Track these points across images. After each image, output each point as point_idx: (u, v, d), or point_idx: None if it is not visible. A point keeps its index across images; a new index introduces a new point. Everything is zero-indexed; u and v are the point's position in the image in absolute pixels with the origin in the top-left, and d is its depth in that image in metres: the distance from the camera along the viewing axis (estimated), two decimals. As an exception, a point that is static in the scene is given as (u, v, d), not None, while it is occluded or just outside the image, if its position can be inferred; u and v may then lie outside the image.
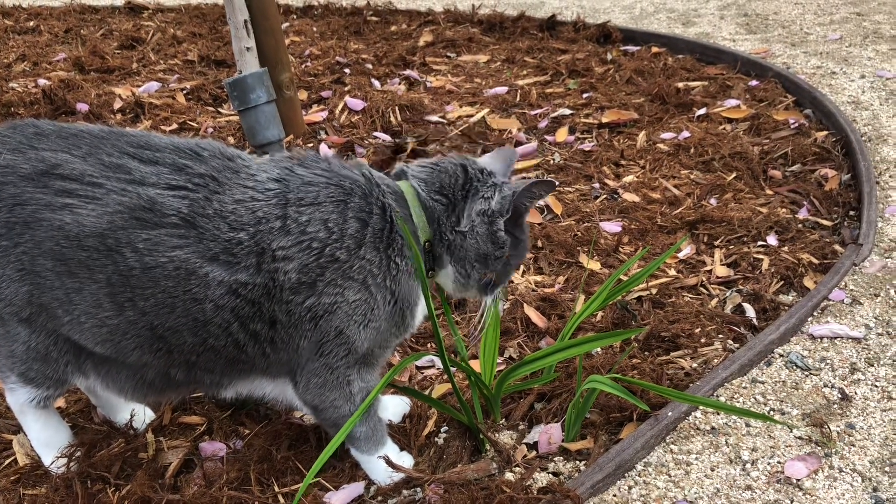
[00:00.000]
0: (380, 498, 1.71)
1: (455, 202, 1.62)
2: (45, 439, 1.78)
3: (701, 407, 1.93)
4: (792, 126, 3.40)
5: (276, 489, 1.72)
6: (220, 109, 3.86)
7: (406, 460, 1.75)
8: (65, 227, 1.46)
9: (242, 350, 1.55)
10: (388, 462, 1.64)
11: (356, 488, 1.72)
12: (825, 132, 3.31)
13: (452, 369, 2.06)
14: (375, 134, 3.39)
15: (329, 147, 3.26)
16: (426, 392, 2.00)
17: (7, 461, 1.84)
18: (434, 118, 3.52)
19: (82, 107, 3.69)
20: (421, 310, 1.65)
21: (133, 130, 1.59)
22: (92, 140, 1.52)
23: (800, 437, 1.85)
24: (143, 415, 1.91)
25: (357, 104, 3.62)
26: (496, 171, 1.69)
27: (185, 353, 1.55)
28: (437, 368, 2.12)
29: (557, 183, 1.86)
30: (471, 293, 1.73)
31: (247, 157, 1.58)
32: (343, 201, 1.52)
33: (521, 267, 2.55)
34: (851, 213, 2.84)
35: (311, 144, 3.31)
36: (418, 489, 1.71)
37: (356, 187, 1.55)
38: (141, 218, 1.45)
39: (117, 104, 3.77)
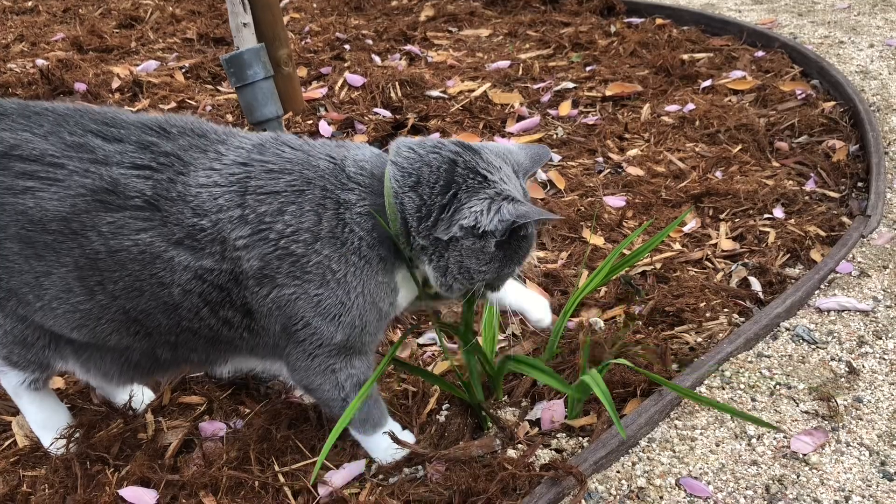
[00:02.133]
0: (381, 476, 1.69)
1: (429, 203, 1.44)
2: (43, 421, 1.77)
3: (705, 382, 1.91)
4: (799, 97, 3.35)
5: (276, 468, 1.70)
6: (218, 87, 3.82)
7: (408, 439, 1.73)
8: (28, 211, 1.42)
9: (218, 333, 1.52)
10: (394, 438, 1.62)
11: (357, 466, 1.71)
12: (833, 103, 3.26)
13: (454, 347, 2.04)
14: (376, 110, 3.34)
15: (329, 124, 3.22)
16: (428, 369, 1.98)
17: (6, 443, 1.83)
18: (435, 93, 3.48)
19: (80, 86, 3.65)
20: (405, 295, 1.57)
21: (100, 107, 1.54)
22: (55, 118, 1.47)
23: (806, 412, 1.83)
24: (141, 395, 1.90)
25: (357, 80, 3.57)
26: (516, 164, 1.53)
27: (163, 333, 1.52)
28: (440, 346, 2.10)
29: (558, 217, 1.75)
30: (457, 296, 1.56)
31: (223, 132, 1.52)
32: (301, 191, 1.44)
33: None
34: (860, 184, 2.79)
35: (310, 121, 3.27)
36: (419, 467, 1.69)
37: (318, 177, 1.45)
38: (104, 200, 1.41)
39: (115, 83, 3.73)
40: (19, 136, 1.44)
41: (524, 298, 1.80)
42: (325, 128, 3.18)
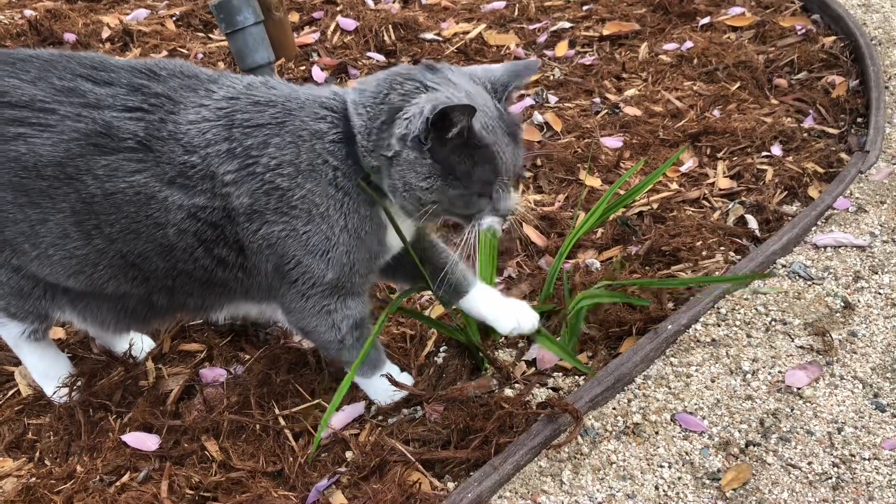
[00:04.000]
0: (380, 417, 1.72)
1: (373, 120, 1.40)
2: (44, 370, 1.79)
3: (701, 319, 1.92)
4: (799, 32, 3.29)
5: (277, 412, 1.73)
6: (210, 35, 3.76)
7: (406, 380, 1.75)
8: (21, 158, 1.42)
9: (213, 274, 1.52)
10: (391, 380, 1.64)
11: (356, 408, 1.73)
12: (833, 37, 3.20)
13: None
14: (369, 54, 3.29)
15: (322, 69, 3.18)
16: (425, 313, 1.99)
17: (10, 392, 1.86)
18: (429, 36, 3.42)
19: (70, 37, 3.60)
20: (395, 234, 1.55)
21: (86, 52, 1.53)
22: (41, 64, 1.45)
23: (801, 347, 1.84)
24: (141, 344, 1.91)
25: (349, 24, 3.51)
26: (492, 82, 1.44)
27: (160, 278, 1.53)
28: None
29: (475, 108, 1.34)
30: (417, 220, 1.47)
31: (216, 74, 1.51)
32: (283, 123, 1.43)
33: (520, 186, 2.51)
34: (859, 119, 2.77)
35: (303, 67, 3.23)
36: (418, 407, 1.71)
37: (297, 108, 1.44)
38: (98, 144, 1.41)
39: (105, 33, 3.67)
40: (6, 82, 1.43)
41: (494, 308, 1.69)
42: (318, 73, 3.14)
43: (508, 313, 1.68)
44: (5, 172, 1.43)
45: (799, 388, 1.73)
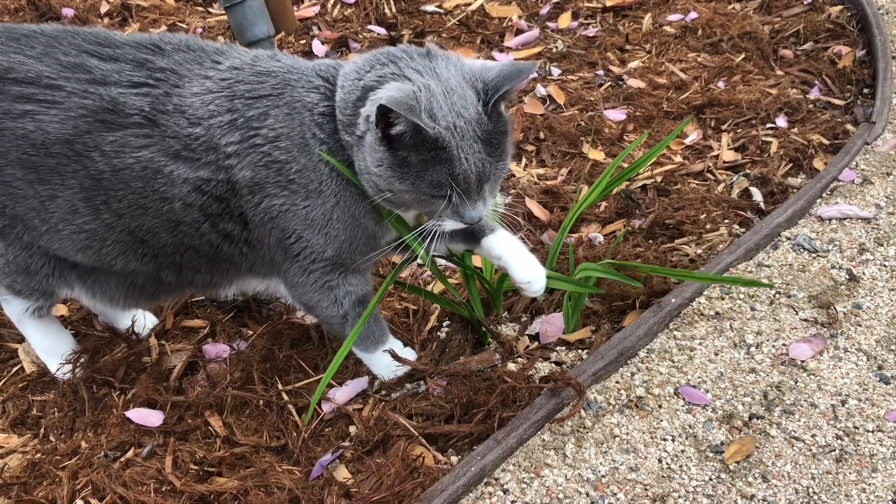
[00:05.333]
0: (383, 392, 1.72)
1: (348, 95, 1.38)
2: (48, 347, 1.79)
3: (705, 292, 1.91)
4: (805, 2, 3.24)
5: (280, 387, 1.73)
6: (209, 10, 3.72)
7: (409, 355, 1.75)
8: (29, 135, 1.41)
9: (219, 249, 1.52)
10: (394, 355, 1.63)
11: (360, 383, 1.73)
12: (839, 7, 3.16)
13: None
14: (370, 27, 3.26)
15: (322, 43, 3.15)
16: (428, 288, 1.99)
17: (14, 369, 1.86)
18: (430, 8, 3.38)
19: (68, 12, 3.56)
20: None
21: (89, 28, 1.51)
22: (46, 40, 1.44)
23: (805, 320, 1.83)
24: (143, 320, 1.91)
25: (350, -3, 3.48)
26: (483, 83, 1.34)
27: (168, 254, 1.53)
28: (441, 265, 2.09)
29: (414, 108, 1.30)
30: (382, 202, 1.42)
31: (222, 47, 1.50)
32: (281, 94, 1.41)
33: (523, 161, 2.49)
34: (865, 90, 2.74)
35: (303, 41, 3.20)
36: (421, 382, 1.71)
37: (296, 79, 1.42)
38: (105, 120, 1.40)
39: (104, 8, 3.63)
40: (12, 58, 1.42)
41: (516, 254, 1.59)
42: (318, 47, 3.11)
43: (527, 264, 1.58)
44: (14, 150, 1.43)
45: (803, 361, 1.73)
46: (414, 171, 1.32)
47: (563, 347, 1.80)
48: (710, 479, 1.50)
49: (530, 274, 1.57)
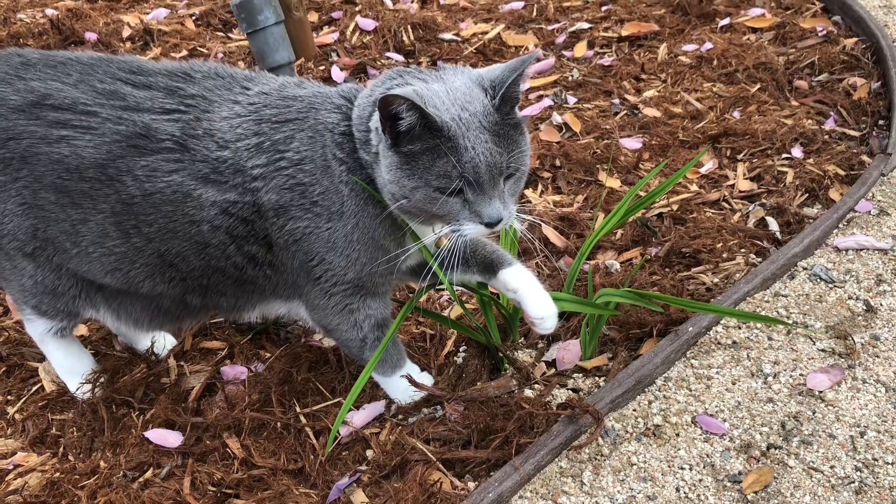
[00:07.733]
0: (400, 416, 1.72)
1: (362, 111, 1.42)
2: (68, 366, 1.80)
3: (722, 321, 1.91)
4: (819, 34, 3.27)
5: (298, 409, 1.73)
6: (229, 34, 3.78)
7: (426, 380, 1.75)
8: (64, 160, 1.45)
9: (244, 272, 1.54)
10: (411, 380, 1.64)
11: (377, 407, 1.74)
12: (854, 39, 3.18)
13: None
14: (388, 54, 3.30)
15: (341, 69, 3.19)
16: (444, 313, 2.00)
17: (34, 388, 1.88)
18: (448, 36, 3.43)
19: (91, 36, 3.63)
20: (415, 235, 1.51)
21: (122, 56, 1.56)
22: (82, 67, 1.49)
23: (823, 350, 1.83)
24: (163, 341, 1.93)
25: (369, 24, 3.52)
26: (490, 80, 1.35)
27: (195, 277, 1.55)
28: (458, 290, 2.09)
29: (418, 96, 1.31)
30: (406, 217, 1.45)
31: (251, 74, 1.53)
32: (306, 118, 1.45)
33: (539, 187, 2.51)
34: (881, 122, 2.75)
35: (322, 67, 3.24)
36: (438, 407, 1.72)
37: (319, 103, 1.46)
38: (137, 145, 1.43)
39: (126, 32, 3.70)
40: (49, 85, 1.46)
41: (532, 290, 1.59)
42: (337, 73, 3.15)
43: (542, 301, 1.58)
44: (49, 174, 1.46)
45: (821, 392, 1.72)
46: (422, 166, 1.32)
47: (580, 374, 1.80)
48: (729, 510, 1.49)
49: (545, 311, 1.58)
